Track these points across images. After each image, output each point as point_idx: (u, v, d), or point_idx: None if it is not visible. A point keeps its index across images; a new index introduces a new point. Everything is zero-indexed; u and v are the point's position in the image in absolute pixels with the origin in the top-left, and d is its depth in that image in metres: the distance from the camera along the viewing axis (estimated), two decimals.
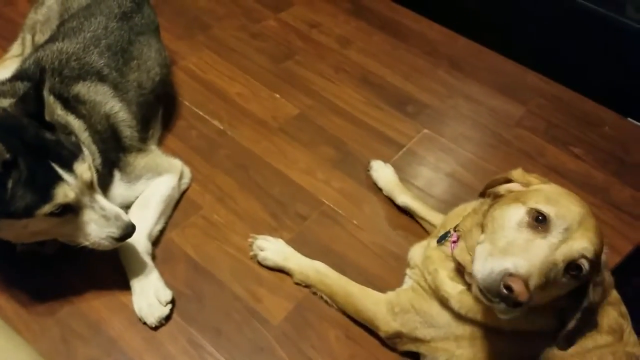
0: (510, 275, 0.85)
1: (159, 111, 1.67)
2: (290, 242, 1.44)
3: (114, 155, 1.37)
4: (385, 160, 1.73)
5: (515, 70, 2.28)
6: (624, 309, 1.11)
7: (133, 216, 1.35)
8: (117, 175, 1.37)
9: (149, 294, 1.26)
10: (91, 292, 1.30)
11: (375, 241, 1.53)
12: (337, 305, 1.33)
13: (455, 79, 2.18)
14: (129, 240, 1.29)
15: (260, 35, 2.22)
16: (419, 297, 1.19)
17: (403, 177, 1.73)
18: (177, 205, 1.52)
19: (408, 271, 1.30)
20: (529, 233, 0.92)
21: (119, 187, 1.38)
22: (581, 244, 0.90)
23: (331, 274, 1.35)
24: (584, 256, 0.90)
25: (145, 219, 1.37)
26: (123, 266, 1.32)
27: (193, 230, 1.48)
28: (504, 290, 0.85)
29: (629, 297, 1.23)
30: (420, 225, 1.56)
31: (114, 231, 1.13)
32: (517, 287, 0.84)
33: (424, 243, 1.29)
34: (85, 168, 1.09)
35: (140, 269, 1.29)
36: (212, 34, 2.17)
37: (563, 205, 0.94)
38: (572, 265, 0.91)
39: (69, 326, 1.25)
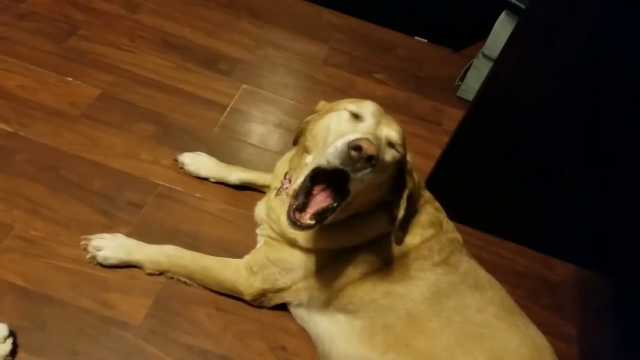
0: (357, 139, 0.95)
1: None
2: (130, 236, 1.33)
3: None
4: (212, 124, 1.67)
5: (311, 11, 2.35)
6: (437, 204, 1.30)
7: None
8: None
9: None
10: None
11: (223, 208, 1.50)
12: (198, 283, 1.30)
13: (258, 28, 2.17)
14: None
15: (30, 14, 1.90)
16: (272, 249, 1.25)
17: (234, 137, 1.70)
18: None
19: (257, 230, 1.35)
20: (350, 123, 1.07)
21: None
22: (392, 126, 1.08)
23: (184, 254, 1.30)
24: (398, 136, 1.07)
25: None
26: None
27: (10, 255, 1.27)
28: (353, 152, 0.93)
29: (447, 193, 1.43)
30: (263, 192, 1.55)
31: None
32: (364, 143, 0.93)
33: (265, 199, 1.36)
34: None
35: None
36: None
37: (364, 104, 1.11)
38: (391, 144, 1.06)
39: None
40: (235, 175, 1.54)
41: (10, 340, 1.12)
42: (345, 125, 1.06)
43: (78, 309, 1.22)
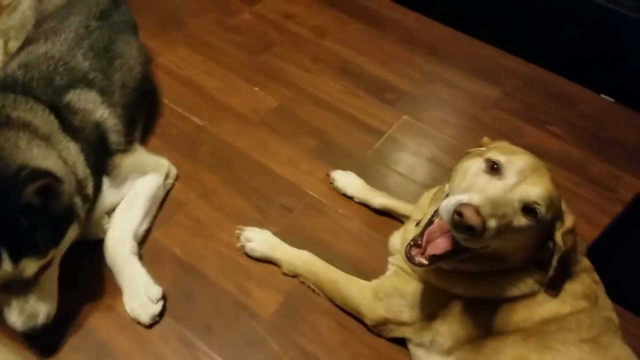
0: (464, 204, 0.91)
1: (143, 110, 1.65)
2: (277, 235, 1.44)
3: (102, 164, 1.35)
4: (367, 148, 1.74)
5: (490, 54, 2.30)
6: (596, 276, 1.15)
7: (118, 218, 1.35)
8: (105, 182, 1.36)
9: (140, 293, 1.26)
10: (76, 296, 1.28)
11: (361, 228, 1.54)
12: (325, 294, 1.34)
13: (432, 64, 2.19)
14: (116, 242, 1.30)
15: (236, 28, 2.20)
16: (402, 281, 1.22)
17: (385, 163, 1.74)
18: (162, 205, 1.51)
19: (390, 259, 1.33)
20: (486, 177, 0.99)
21: (109, 195, 1.36)
22: (535, 187, 0.97)
23: (318, 263, 1.35)
24: (538, 198, 0.96)
25: (131, 220, 1.36)
26: (109, 268, 1.31)
27: (178, 229, 1.47)
28: (456, 216, 0.90)
29: (606, 268, 1.27)
30: (402, 222, 1.54)
31: (18, 325, 1.08)
32: (467, 211, 0.89)
33: (402, 229, 1.34)
34: (32, 266, 1.04)
35: (127, 269, 1.28)
36: (187, 30, 2.14)
37: (515, 155, 1.02)
38: (527, 208, 0.96)
39: (57, 334, 1.22)
40: (379, 200, 1.56)
41: (161, 303, 1.26)
42: (478, 178, 1.00)
43: (221, 289, 1.35)
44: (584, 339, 1.04)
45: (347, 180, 1.61)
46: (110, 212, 1.38)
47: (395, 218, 1.56)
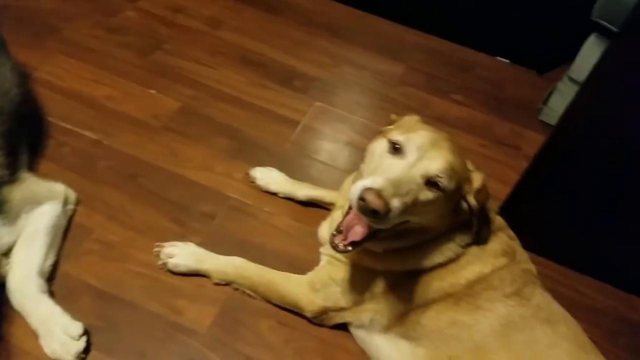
0: (367, 189, 0.94)
1: (26, 134, 1.48)
2: (202, 245, 1.36)
3: None
4: (284, 140, 1.69)
5: (391, 30, 2.33)
6: (511, 232, 1.23)
7: (18, 257, 1.23)
8: None
9: (58, 333, 1.16)
10: None
11: (290, 223, 1.50)
12: (261, 296, 1.31)
13: (336, 46, 2.18)
14: (20, 283, 1.20)
15: (120, 29, 2.03)
16: (335, 269, 1.24)
17: (305, 154, 1.71)
18: (66, 234, 1.36)
19: (321, 249, 1.34)
20: (389, 158, 1.04)
21: (3, 234, 1.23)
22: (435, 161, 1.01)
23: (250, 267, 1.32)
24: (439, 172, 1.01)
25: (33, 257, 1.24)
26: (20, 313, 1.17)
27: (89, 257, 1.33)
28: (360, 202, 0.94)
29: (523, 221, 1.34)
30: (329, 210, 1.53)
31: None
32: (368, 195, 0.93)
33: (329, 218, 1.35)
34: None
35: (39, 310, 1.17)
36: (64, 37, 1.94)
37: (414, 131, 1.06)
38: (431, 182, 1.01)
39: None
40: (303, 191, 1.54)
41: (84, 339, 1.16)
42: (383, 160, 1.04)
43: (148, 312, 1.25)
44: (508, 294, 1.12)
45: (268, 177, 1.57)
46: (8, 252, 1.24)
47: (322, 207, 1.54)
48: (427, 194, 1.00)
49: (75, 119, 1.66)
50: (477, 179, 1.10)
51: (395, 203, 0.95)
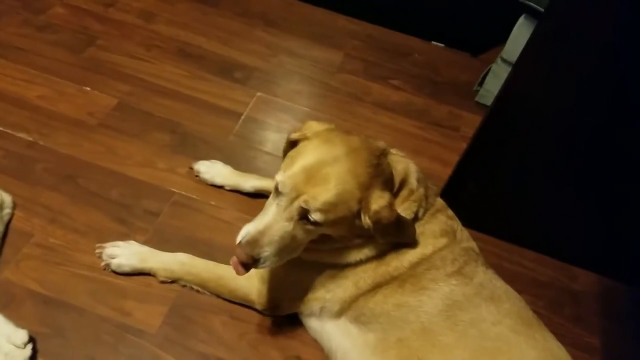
0: (239, 243, 1.04)
1: None
2: (148, 244, 1.34)
3: None
4: (228, 132, 1.68)
5: (325, 17, 2.34)
6: (450, 212, 1.25)
7: None
8: None
9: (2, 343, 1.12)
10: None
11: (238, 216, 1.49)
12: (211, 292, 1.30)
13: (272, 36, 2.17)
14: None
15: (49, 26, 1.94)
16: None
17: (250, 145, 1.70)
18: (3, 240, 1.31)
19: None
20: (272, 199, 1.07)
21: None
22: (312, 201, 1.00)
23: (197, 262, 1.30)
24: (313, 209, 1.00)
25: None
26: None
27: (30, 262, 1.29)
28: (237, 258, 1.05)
29: (465, 201, 1.41)
30: None
31: None
32: (237, 251, 1.04)
33: None
34: None
35: None
36: None
37: (289, 169, 1.03)
38: (306, 218, 1.02)
39: None
40: (250, 183, 1.53)
41: (30, 346, 1.13)
42: (270, 202, 1.07)
43: (95, 316, 1.23)
44: (450, 273, 1.13)
45: (213, 170, 1.55)
46: None
47: None
48: (305, 228, 1.03)
49: (7, 121, 1.58)
50: (376, 201, 1.04)
51: (266, 251, 1.02)
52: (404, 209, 1.14)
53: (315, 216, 1.00)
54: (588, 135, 1.35)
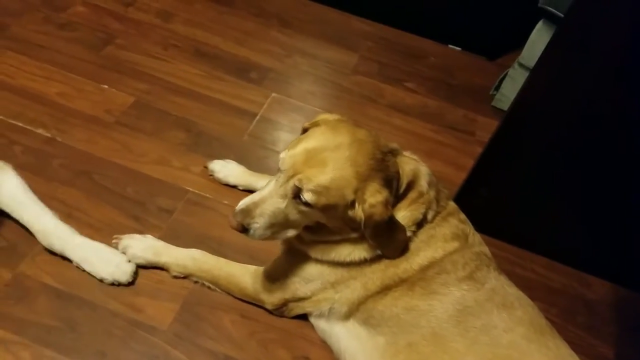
0: (234, 210, 1.06)
1: None
2: (161, 240, 1.35)
3: None
4: (242, 132, 1.69)
5: (339, 19, 2.35)
6: (462, 216, 1.23)
7: (28, 216, 1.30)
8: None
9: (111, 258, 1.29)
10: None
11: None
12: (222, 289, 1.31)
13: (287, 36, 2.18)
14: (53, 232, 1.29)
15: (70, 24, 1.97)
16: (292, 259, 1.23)
17: (263, 145, 1.71)
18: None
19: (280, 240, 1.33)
20: (274, 177, 1.09)
21: None
22: (304, 181, 1.01)
23: (209, 259, 1.31)
24: (306, 190, 1.01)
25: (40, 210, 1.31)
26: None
27: (45, 257, 1.30)
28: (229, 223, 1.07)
29: (478, 205, 1.39)
30: None
31: None
32: (230, 217, 1.07)
33: None
34: None
35: (83, 247, 1.30)
36: (12, 34, 1.88)
37: (292, 149, 1.06)
38: (299, 198, 1.03)
39: None
40: (263, 183, 1.52)
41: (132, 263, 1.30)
42: (274, 177, 1.09)
43: (107, 311, 1.24)
44: (461, 278, 1.11)
45: (227, 169, 1.56)
46: None
47: None
48: (298, 208, 1.04)
49: (26, 117, 1.61)
50: (372, 195, 1.02)
51: (257, 223, 1.05)
52: (412, 211, 1.13)
53: (307, 196, 1.01)
54: (605, 143, 1.33)
